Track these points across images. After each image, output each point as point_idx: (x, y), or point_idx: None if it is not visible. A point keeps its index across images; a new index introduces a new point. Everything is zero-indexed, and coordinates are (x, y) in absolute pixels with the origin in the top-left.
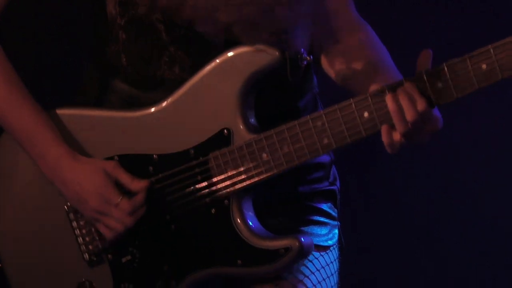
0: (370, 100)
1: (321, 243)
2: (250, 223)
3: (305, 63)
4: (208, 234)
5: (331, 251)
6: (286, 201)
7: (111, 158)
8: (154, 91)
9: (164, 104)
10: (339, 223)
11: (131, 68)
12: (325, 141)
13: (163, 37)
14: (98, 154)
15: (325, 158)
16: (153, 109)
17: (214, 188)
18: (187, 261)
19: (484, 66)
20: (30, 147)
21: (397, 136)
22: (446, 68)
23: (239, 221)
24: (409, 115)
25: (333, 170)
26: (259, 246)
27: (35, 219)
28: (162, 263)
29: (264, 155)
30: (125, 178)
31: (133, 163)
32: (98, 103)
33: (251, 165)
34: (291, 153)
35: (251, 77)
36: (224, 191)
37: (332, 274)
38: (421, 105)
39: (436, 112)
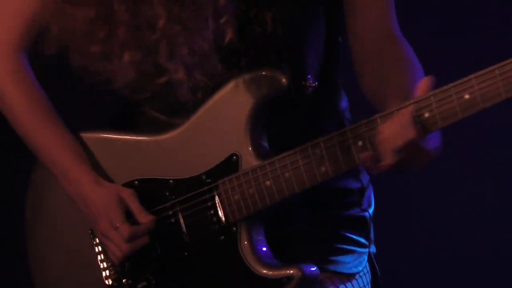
0: (363, 127)
1: (345, 271)
2: (256, 251)
3: (310, 89)
4: (217, 261)
5: (358, 278)
6: (311, 229)
7: (132, 182)
8: (177, 115)
9: (181, 128)
10: (370, 250)
11: (158, 95)
12: (323, 169)
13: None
14: (120, 177)
15: (354, 184)
16: (171, 134)
17: (222, 214)
18: None
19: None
20: (52, 166)
21: (383, 165)
22: (432, 98)
23: (245, 248)
24: (398, 143)
25: (368, 195)
26: (262, 275)
27: (64, 243)
28: None
29: (267, 182)
30: (135, 208)
31: (152, 187)
32: (125, 127)
33: (255, 191)
34: (291, 180)
35: (257, 102)
36: (231, 217)
37: None
38: (411, 133)
39: (430, 142)
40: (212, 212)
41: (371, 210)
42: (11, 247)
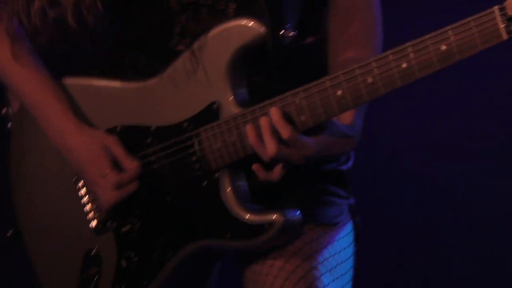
0: (341, 77)
1: (327, 221)
2: (238, 197)
3: (288, 39)
4: (200, 207)
5: (341, 226)
6: (291, 183)
7: (114, 128)
8: (160, 62)
9: (162, 75)
10: (350, 201)
11: (148, 40)
12: (303, 118)
13: (173, 7)
14: (103, 123)
15: None
16: (153, 80)
17: (204, 161)
18: (181, 233)
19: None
20: (38, 115)
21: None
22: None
23: (227, 194)
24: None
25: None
26: (245, 220)
27: (49, 188)
28: (159, 234)
29: None
30: (120, 155)
31: (133, 133)
32: (108, 73)
33: (237, 139)
34: None
35: (237, 51)
36: (213, 164)
37: (344, 248)
38: (286, 133)
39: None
40: (194, 159)
41: (349, 164)
42: None
